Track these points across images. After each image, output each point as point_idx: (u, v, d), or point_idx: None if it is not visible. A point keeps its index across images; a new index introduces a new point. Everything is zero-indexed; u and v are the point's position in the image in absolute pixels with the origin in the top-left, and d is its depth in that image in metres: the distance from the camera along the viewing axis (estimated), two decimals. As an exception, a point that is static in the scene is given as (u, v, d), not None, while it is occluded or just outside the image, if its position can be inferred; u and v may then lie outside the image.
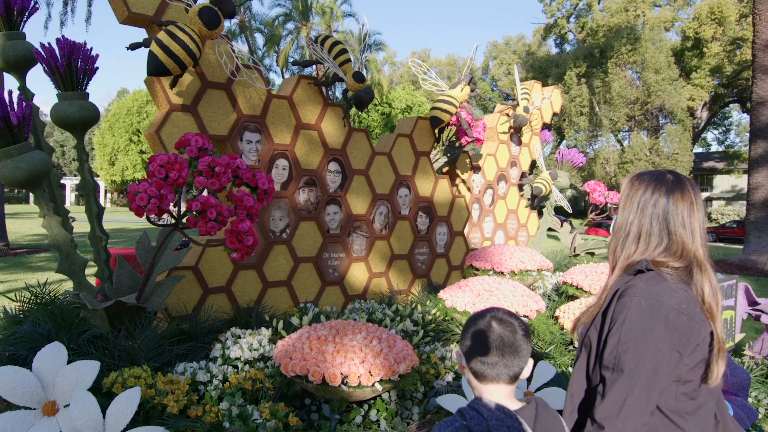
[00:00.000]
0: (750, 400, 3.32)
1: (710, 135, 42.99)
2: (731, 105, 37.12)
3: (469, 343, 1.44)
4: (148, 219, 2.70)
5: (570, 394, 1.64)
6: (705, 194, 41.17)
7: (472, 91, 5.30)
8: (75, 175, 47.14)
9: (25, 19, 3.57)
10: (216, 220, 2.69)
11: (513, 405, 1.41)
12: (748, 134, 18.88)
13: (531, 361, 1.46)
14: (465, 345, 1.46)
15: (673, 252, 1.55)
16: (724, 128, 40.51)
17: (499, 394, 1.41)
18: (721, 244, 26.92)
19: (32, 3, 3.56)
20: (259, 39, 33.41)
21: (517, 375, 1.42)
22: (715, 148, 43.68)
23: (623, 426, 1.43)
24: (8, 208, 23.08)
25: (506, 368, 1.40)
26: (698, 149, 42.15)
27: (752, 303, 4.42)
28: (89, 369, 2.20)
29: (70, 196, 46.66)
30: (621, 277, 1.60)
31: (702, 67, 31.90)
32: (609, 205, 7.27)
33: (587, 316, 1.65)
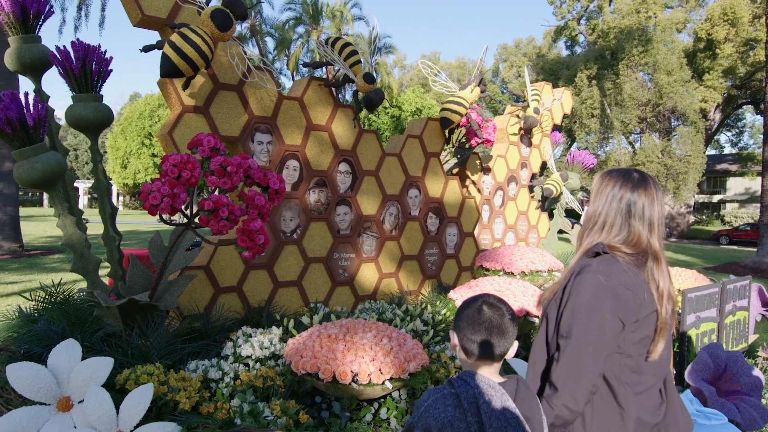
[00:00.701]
0: (763, 401, 3.29)
1: (723, 137, 42.41)
2: (744, 106, 36.66)
3: (461, 324, 1.60)
4: (161, 218, 2.73)
5: (532, 361, 1.85)
6: (718, 197, 40.75)
7: (482, 92, 5.30)
8: (88, 179, 47.62)
9: (40, 23, 3.62)
10: (228, 219, 2.72)
11: (497, 380, 1.58)
12: (761, 136, 18.68)
13: (516, 343, 1.61)
14: (458, 326, 1.62)
15: (629, 242, 1.75)
16: (737, 130, 40.01)
17: (486, 370, 1.58)
18: (735, 247, 26.63)
19: (48, 7, 3.61)
20: (270, 43, 33.70)
21: (503, 354, 1.58)
22: (728, 150, 43.19)
23: (574, 386, 1.64)
24: (22, 211, 23.38)
25: (493, 348, 1.55)
26: (711, 151, 41.70)
27: (766, 304, 4.37)
28: (103, 365, 2.23)
29: (83, 199, 47.11)
30: (580, 258, 1.80)
31: (715, 68, 31.54)
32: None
33: (550, 293, 1.86)
